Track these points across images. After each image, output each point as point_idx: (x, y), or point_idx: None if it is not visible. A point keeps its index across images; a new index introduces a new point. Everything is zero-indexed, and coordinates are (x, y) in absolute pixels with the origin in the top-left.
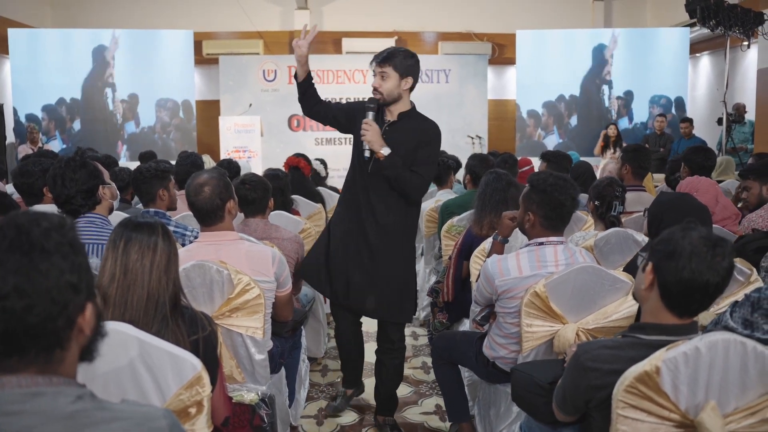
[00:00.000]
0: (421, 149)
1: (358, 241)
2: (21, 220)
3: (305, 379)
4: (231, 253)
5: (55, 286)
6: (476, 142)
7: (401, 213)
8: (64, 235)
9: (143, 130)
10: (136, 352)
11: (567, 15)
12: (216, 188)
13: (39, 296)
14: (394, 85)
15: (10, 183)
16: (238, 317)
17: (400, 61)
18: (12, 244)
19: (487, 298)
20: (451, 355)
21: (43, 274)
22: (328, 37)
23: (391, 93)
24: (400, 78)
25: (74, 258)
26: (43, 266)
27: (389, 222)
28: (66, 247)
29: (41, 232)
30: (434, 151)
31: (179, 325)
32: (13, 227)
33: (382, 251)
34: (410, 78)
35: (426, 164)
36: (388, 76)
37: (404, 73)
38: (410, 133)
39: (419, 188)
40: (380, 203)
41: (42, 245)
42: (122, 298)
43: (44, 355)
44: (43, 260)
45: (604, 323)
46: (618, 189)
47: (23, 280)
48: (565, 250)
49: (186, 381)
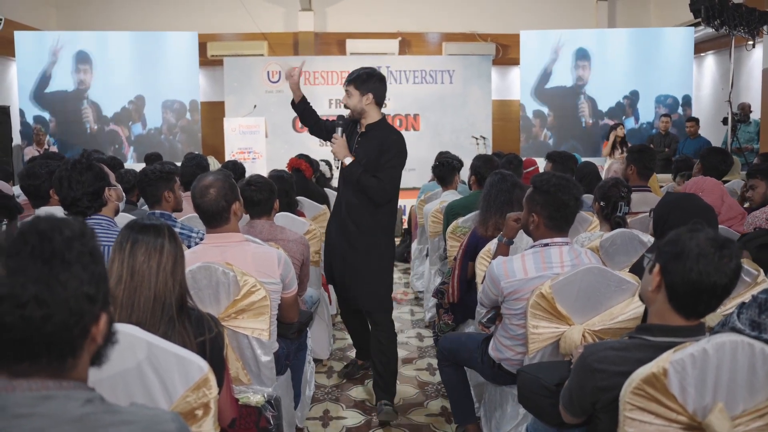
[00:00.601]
0: (382, 156)
1: (340, 238)
2: (43, 227)
3: (311, 381)
4: (237, 255)
5: (74, 296)
6: (480, 143)
7: (371, 213)
8: (85, 244)
9: (150, 132)
10: (143, 355)
11: (570, 15)
12: (221, 190)
13: (58, 306)
14: (356, 101)
15: (16, 185)
16: (244, 319)
17: (361, 81)
18: (34, 252)
19: (493, 299)
20: (456, 356)
21: (62, 285)
22: (332, 38)
23: (355, 107)
24: (361, 95)
25: (93, 268)
26: (63, 276)
27: (361, 222)
28: (86, 257)
29: (63, 240)
30: (393, 157)
31: (186, 327)
32: (35, 234)
33: (357, 247)
34: (370, 94)
35: (384, 170)
36: (351, 94)
37: (364, 90)
38: (375, 142)
39: (378, 191)
40: (353, 204)
41: (63, 255)
42: (129, 299)
43: (56, 362)
44: (63, 270)
45: (611, 324)
46: (623, 189)
47: (43, 289)
48: (570, 251)
49: (193, 383)
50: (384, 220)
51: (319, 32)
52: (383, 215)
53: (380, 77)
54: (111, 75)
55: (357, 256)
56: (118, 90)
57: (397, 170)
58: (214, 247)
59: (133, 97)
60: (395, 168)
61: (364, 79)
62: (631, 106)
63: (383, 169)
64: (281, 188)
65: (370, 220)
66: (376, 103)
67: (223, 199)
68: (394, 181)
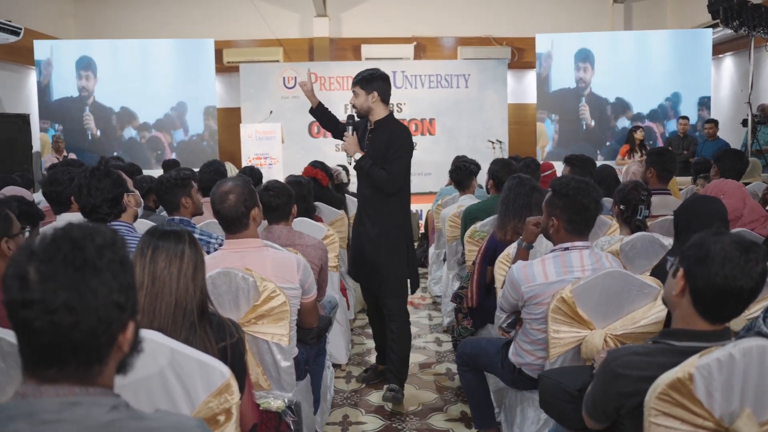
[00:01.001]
0: (389, 149)
1: (360, 228)
2: (76, 234)
3: (330, 386)
4: (256, 261)
5: (103, 304)
6: (497, 147)
7: (382, 203)
8: (116, 252)
9: (192, 139)
10: (166, 361)
11: (586, 18)
12: (241, 196)
13: (87, 314)
14: (363, 100)
15: (37, 191)
16: (264, 324)
17: (366, 81)
18: (66, 259)
19: (513, 304)
20: (476, 361)
21: (92, 292)
22: (347, 43)
23: (362, 106)
24: (367, 94)
25: (123, 277)
26: (94, 284)
27: (374, 211)
28: (117, 265)
29: (95, 248)
30: (400, 149)
31: (207, 332)
32: (68, 241)
33: (371, 235)
34: (375, 93)
35: (392, 161)
36: (358, 94)
37: (369, 89)
38: (383, 137)
39: (386, 181)
40: (367, 196)
41: (95, 263)
42: (150, 305)
43: (83, 369)
44: (94, 278)
45: (633, 329)
46: (643, 192)
47: (73, 296)
48: (591, 255)
49: (215, 388)
50: (395, 209)
51: (334, 38)
52: (394, 204)
53: (383, 76)
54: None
55: (371, 243)
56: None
57: (404, 160)
58: (233, 253)
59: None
60: (402, 158)
61: (368, 80)
62: (672, 108)
63: (391, 161)
64: (299, 193)
65: (381, 209)
66: (382, 101)
67: (242, 205)
68: (403, 170)
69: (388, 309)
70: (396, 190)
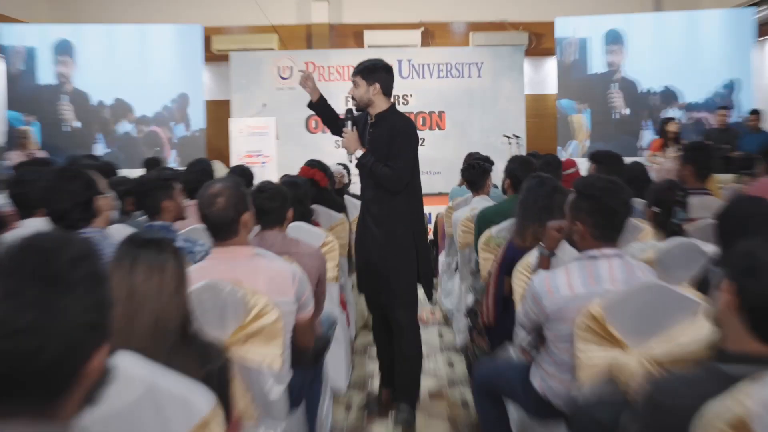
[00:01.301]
0: (392, 144)
1: (363, 231)
2: (46, 244)
3: (328, 417)
4: (246, 271)
5: (74, 326)
6: (513, 142)
7: (387, 202)
8: (91, 264)
9: (195, 134)
10: (142, 389)
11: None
12: (230, 199)
13: (55, 337)
14: (363, 92)
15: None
16: (254, 344)
17: (368, 72)
18: (34, 272)
19: (534, 321)
20: (494, 385)
21: (63, 311)
22: (348, 30)
23: (361, 98)
24: (368, 85)
25: (98, 293)
26: (65, 301)
27: (378, 212)
28: (91, 280)
29: (69, 260)
30: (402, 144)
31: (190, 355)
32: (36, 252)
33: (376, 239)
34: (377, 84)
35: (395, 157)
36: (358, 84)
37: (371, 81)
38: (385, 131)
39: (390, 179)
40: (370, 197)
41: (67, 277)
42: (128, 324)
43: (45, 401)
44: (66, 294)
45: (674, 351)
46: (679, 193)
47: (42, 315)
48: (622, 265)
49: (199, 419)
50: (401, 208)
51: (334, 24)
52: (400, 203)
53: (387, 67)
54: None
55: (376, 247)
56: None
57: (408, 155)
58: (221, 263)
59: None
60: (406, 152)
61: (371, 70)
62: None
63: (395, 157)
64: (295, 196)
65: (386, 209)
66: (384, 93)
67: (232, 209)
68: (408, 166)
69: (397, 321)
70: (402, 188)
